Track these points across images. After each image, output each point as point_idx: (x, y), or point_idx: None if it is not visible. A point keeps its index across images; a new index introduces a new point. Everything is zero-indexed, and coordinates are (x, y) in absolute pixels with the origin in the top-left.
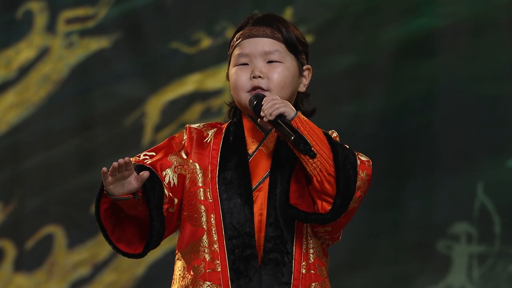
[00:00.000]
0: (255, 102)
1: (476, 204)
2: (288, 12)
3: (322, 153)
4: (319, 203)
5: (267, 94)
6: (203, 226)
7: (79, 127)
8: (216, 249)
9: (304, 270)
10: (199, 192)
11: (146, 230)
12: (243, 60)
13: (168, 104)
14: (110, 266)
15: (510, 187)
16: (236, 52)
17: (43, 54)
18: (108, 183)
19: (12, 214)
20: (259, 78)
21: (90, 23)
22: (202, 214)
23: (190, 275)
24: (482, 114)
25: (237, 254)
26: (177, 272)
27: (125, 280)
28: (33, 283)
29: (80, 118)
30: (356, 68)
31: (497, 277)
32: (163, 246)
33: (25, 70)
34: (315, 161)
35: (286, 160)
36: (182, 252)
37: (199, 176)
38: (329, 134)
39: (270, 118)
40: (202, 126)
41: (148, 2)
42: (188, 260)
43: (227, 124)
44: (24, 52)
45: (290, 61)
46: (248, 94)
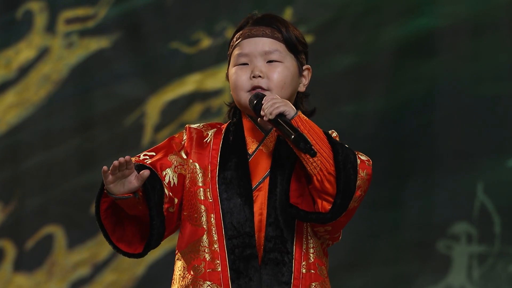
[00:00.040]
0: (255, 101)
1: (476, 204)
2: (288, 12)
3: (322, 152)
4: (319, 203)
5: (267, 94)
6: (203, 226)
7: (79, 127)
8: (216, 249)
9: (304, 269)
10: (199, 192)
11: (146, 230)
12: (243, 60)
13: (168, 104)
14: (110, 266)
15: (510, 187)
16: (236, 52)
17: (43, 54)
18: (108, 182)
19: (12, 214)
20: (259, 77)
21: (90, 23)
22: (202, 214)
23: (190, 275)
24: (482, 114)
25: (237, 254)
26: (177, 272)
27: (125, 280)
28: (33, 283)
29: (80, 118)
30: (356, 68)
31: (497, 277)
32: (163, 246)
33: (25, 70)
34: (315, 160)
35: (286, 159)
36: (182, 252)
37: (199, 176)
38: (329, 133)
39: (270, 117)
40: (202, 126)
41: (148, 2)
42: (188, 260)
43: (227, 124)
44: (24, 52)
45: (290, 61)
46: (248, 94)
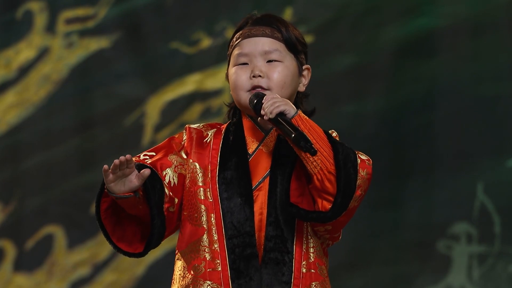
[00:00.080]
0: (255, 101)
1: (476, 204)
2: (288, 12)
3: (323, 151)
4: (320, 202)
5: (268, 93)
6: (203, 225)
7: (79, 127)
8: (216, 248)
9: (304, 269)
10: (199, 191)
11: (147, 230)
12: (243, 59)
13: (168, 104)
14: (110, 266)
15: (510, 187)
16: (235, 52)
17: (43, 54)
18: (109, 181)
19: (12, 214)
20: (259, 77)
21: (90, 23)
22: (202, 214)
23: (191, 275)
24: (482, 114)
25: (237, 254)
26: (177, 272)
27: (125, 280)
28: (33, 283)
29: (80, 118)
30: (356, 68)
31: (497, 277)
32: (163, 246)
33: (25, 70)
34: (316, 159)
35: (286, 159)
36: (182, 252)
37: (199, 175)
38: (329, 133)
39: (270, 116)
40: (201, 126)
41: (148, 2)
42: (188, 259)
43: (227, 124)
44: (24, 52)
45: (289, 60)
46: (248, 94)
